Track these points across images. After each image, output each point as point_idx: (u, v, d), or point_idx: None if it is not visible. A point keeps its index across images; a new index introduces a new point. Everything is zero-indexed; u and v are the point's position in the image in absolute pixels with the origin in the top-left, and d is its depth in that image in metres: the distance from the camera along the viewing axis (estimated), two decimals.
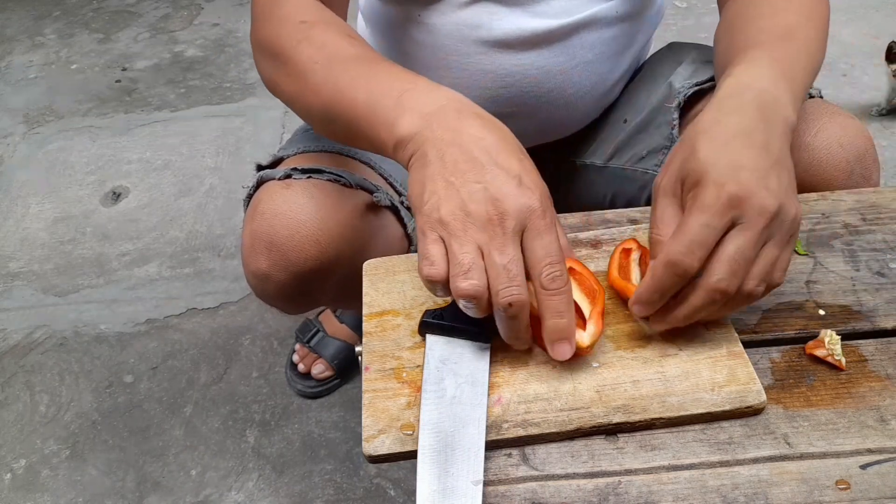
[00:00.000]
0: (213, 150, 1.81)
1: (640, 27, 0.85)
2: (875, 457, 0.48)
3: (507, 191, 0.48)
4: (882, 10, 2.12)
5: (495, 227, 0.47)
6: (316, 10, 0.68)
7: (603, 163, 0.91)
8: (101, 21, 2.41)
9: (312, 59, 0.63)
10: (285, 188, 0.71)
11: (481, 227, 0.47)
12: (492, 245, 0.47)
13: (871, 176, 0.69)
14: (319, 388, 1.24)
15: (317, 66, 0.62)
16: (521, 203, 0.48)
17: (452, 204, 0.48)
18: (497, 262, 0.47)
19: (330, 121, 0.63)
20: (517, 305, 0.47)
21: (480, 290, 0.47)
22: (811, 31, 0.65)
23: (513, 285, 0.46)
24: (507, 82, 0.80)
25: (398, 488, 1.11)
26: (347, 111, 0.59)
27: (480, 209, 0.48)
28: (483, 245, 0.47)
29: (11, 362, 1.34)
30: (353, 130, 0.60)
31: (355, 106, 0.58)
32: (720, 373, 0.51)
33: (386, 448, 0.49)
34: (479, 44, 0.78)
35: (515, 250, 0.47)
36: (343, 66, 0.61)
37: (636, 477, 0.47)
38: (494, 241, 0.47)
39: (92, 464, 1.18)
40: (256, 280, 0.73)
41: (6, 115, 2.01)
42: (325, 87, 0.61)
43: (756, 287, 0.49)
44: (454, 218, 0.48)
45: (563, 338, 0.49)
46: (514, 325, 0.48)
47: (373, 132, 0.57)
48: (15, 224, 1.65)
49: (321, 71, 0.62)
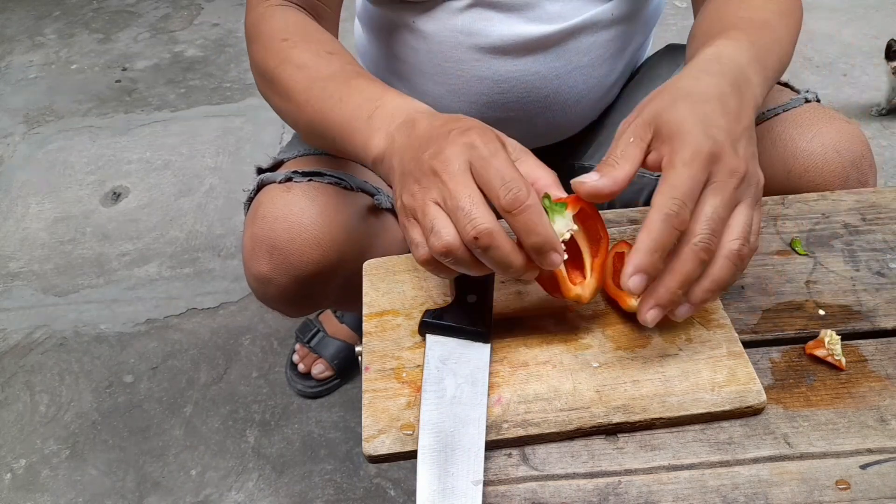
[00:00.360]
0: (213, 150, 1.81)
1: (636, 29, 0.85)
2: (875, 457, 0.48)
3: (444, 143, 0.49)
4: (882, 10, 2.12)
5: (440, 176, 0.48)
6: (298, 27, 0.70)
7: None
8: (101, 21, 2.41)
9: (294, 80, 0.66)
10: (286, 191, 0.71)
11: (431, 186, 0.48)
12: (445, 194, 0.47)
13: (867, 181, 0.69)
14: (319, 388, 1.24)
15: (298, 87, 0.65)
16: (457, 146, 0.48)
17: (409, 188, 0.50)
18: (451, 206, 0.47)
19: (317, 136, 0.66)
20: (483, 235, 0.46)
21: (449, 240, 0.46)
22: (784, 28, 0.65)
23: (471, 218, 0.46)
24: (503, 88, 0.80)
25: (398, 488, 1.11)
26: (328, 131, 0.62)
27: (426, 172, 0.49)
28: (439, 200, 0.48)
29: (11, 362, 1.34)
30: (338, 148, 0.62)
31: (333, 127, 0.61)
32: (720, 373, 0.52)
33: (386, 448, 0.49)
34: (475, 50, 0.78)
35: (467, 188, 0.47)
36: (321, 87, 0.63)
37: (636, 477, 0.47)
38: (445, 189, 0.47)
39: (92, 464, 1.18)
40: (258, 284, 0.73)
41: (6, 115, 2.01)
42: (307, 107, 0.64)
43: (741, 246, 0.47)
44: (412, 195, 0.49)
45: (546, 251, 0.47)
46: (496, 256, 0.47)
47: (353, 151, 0.59)
48: (15, 224, 1.65)
49: (303, 92, 0.64)
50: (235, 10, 2.39)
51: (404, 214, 0.50)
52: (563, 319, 0.56)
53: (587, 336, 0.55)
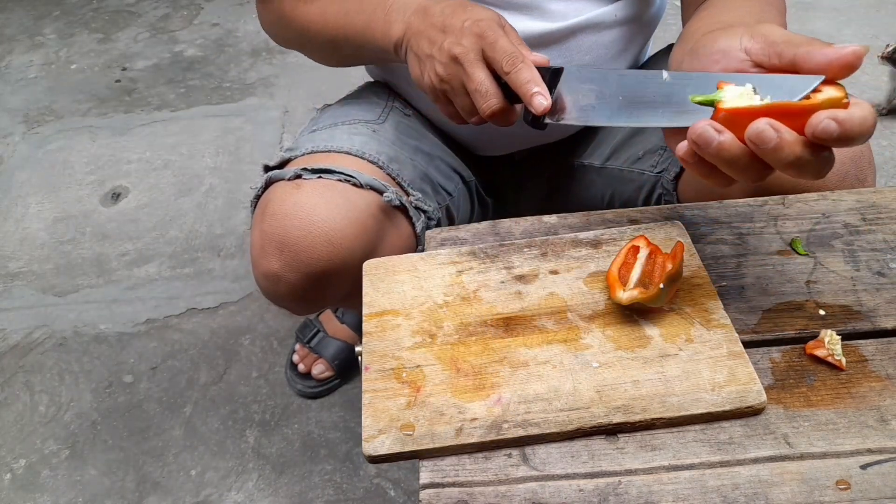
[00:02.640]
0: (213, 150, 1.81)
1: (638, 30, 0.85)
2: (875, 457, 0.48)
3: (460, 34, 0.63)
4: (882, 10, 2.12)
5: (462, 65, 0.62)
6: None
7: (601, 164, 0.91)
8: (100, 21, 2.41)
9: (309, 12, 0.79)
10: (296, 188, 0.71)
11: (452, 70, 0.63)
12: (465, 79, 0.63)
13: (865, 178, 0.69)
14: (319, 388, 1.24)
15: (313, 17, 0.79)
16: (471, 37, 0.62)
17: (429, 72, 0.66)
18: (471, 88, 0.62)
19: (340, 51, 0.81)
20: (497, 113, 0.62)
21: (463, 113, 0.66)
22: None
23: (486, 98, 0.62)
24: None
25: (398, 488, 1.11)
26: (351, 40, 0.76)
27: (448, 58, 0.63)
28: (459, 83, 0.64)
29: (11, 362, 1.34)
30: (362, 54, 0.78)
31: (356, 35, 0.75)
32: (720, 373, 0.51)
33: (386, 448, 0.49)
34: None
35: (481, 73, 0.62)
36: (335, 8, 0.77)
37: (636, 477, 0.47)
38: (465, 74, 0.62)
39: (92, 464, 1.18)
40: (267, 281, 0.73)
41: (6, 115, 2.01)
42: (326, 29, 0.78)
43: None
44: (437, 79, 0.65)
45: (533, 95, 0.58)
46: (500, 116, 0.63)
47: (376, 46, 0.73)
48: (15, 224, 1.65)
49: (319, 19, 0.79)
50: (235, 10, 2.39)
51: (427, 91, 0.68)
52: (563, 319, 0.56)
53: (587, 336, 0.55)
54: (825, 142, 0.45)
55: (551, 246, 0.63)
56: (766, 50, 0.50)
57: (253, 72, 2.09)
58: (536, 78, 0.59)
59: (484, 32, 0.62)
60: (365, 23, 0.73)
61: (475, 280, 0.60)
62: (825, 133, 0.44)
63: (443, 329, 0.57)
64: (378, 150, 0.80)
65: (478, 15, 0.63)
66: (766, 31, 0.51)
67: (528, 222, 0.68)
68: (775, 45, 0.49)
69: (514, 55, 0.60)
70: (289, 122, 1.88)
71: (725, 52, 0.52)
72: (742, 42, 0.51)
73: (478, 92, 0.62)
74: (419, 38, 0.67)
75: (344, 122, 0.84)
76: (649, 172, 0.84)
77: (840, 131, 0.44)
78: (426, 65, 0.66)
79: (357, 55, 0.80)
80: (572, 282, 0.59)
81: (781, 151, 0.45)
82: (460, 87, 0.64)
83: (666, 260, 0.57)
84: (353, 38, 0.76)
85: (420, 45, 0.66)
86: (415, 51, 0.67)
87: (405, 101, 0.92)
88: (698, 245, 0.63)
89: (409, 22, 0.68)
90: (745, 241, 0.63)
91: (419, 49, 0.67)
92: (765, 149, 0.45)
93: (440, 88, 0.66)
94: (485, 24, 0.62)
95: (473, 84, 0.62)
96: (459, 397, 0.52)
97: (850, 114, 0.44)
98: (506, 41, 0.61)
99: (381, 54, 0.74)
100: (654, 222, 0.65)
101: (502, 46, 0.61)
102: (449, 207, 0.89)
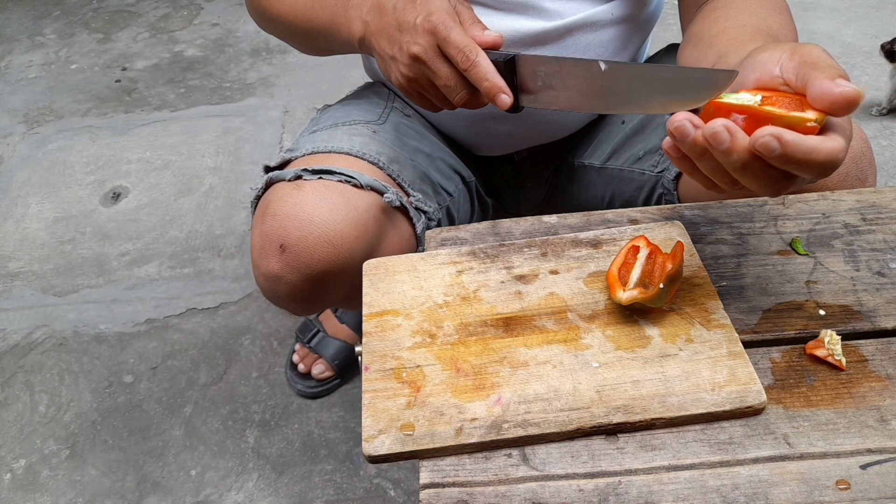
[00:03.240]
0: (213, 150, 1.81)
1: (635, 29, 0.85)
2: (875, 457, 0.48)
3: (414, 34, 0.64)
4: (882, 10, 2.12)
5: (425, 63, 0.65)
6: None
7: (601, 164, 0.91)
8: (100, 21, 2.41)
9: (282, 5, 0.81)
10: (296, 189, 0.71)
11: (416, 67, 0.65)
12: (431, 76, 0.65)
13: (866, 178, 0.69)
14: (319, 388, 1.24)
15: (284, 8, 0.81)
16: (424, 35, 0.63)
17: (395, 73, 0.68)
18: (440, 84, 0.65)
19: (313, 43, 0.83)
20: (467, 102, 0.66)
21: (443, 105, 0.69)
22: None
23: (456, 92, 0.65)
24: None
25: (398, 488, 1.11)
26: (320, 35, 0.79)
27: (410, 58, 0.65)
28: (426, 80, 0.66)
29: (11, 362, 1.34)
30: (332, 47, 0.80)
31: (323, 30, 0.78)
32: (720, 373, 0.51)
33: (386, 448, 0.49)
34: None
35: (444, 68, 0.64)
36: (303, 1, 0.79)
37: (636, 477, 0.47)
38: (430, 72, 0.65)
39: (91, 464, 1.18)
40: (267, 282, 0.73)
41: (6, 115, 2.01)
42: (297, 22, 0.80)
43: None
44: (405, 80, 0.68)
45: (494, 93, 0.63)
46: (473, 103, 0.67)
47: (344, 44, 0.76)
48: (15, 224, 1.65)
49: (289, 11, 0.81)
50: (235, 10, 2.39)
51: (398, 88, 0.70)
52: (563, 319, 0.56)
53: (587, 336, 0.55)
54: (765, 157, 0.44)
55: (551, 246, 0.63)
56: (796, 70, 0.48)
57: (253, 72, 2.09)
58: (490, 73, 0.62)
59: (435, 28, 0.63)
60: (329, 19, 0.76)
61: (475, 280, 0.60)
62: (763, 148, 0.43)
63: (443, 329, 0.57)
64: (378, 150, 0.80)
65: (429, 7, 0.64)
66: (805, 50, 0.48)
67: (528, 222, 0.68)
68: (803, 66, 0.48)
69: (467, 50, 0.62)
70: (289, 122, 1.88)
71: (763, 63, 0.51)
72: (781, 58, 0.49)
73: (447, 87, 0.65)
74: (378, 37, 0.68)
75: (344, 123, 0.84)
76: (650, 172, 0.84)
77: (781, 152, 0.43)
78: (391, 65, 0.68)
79: (330, 49, 0.82)
80: (572, 282, 0.59)
81: (731, 155, 0.45)
82: (429, 83, 0.67)
83: (666, 260, 0.57)
84: (321, 33, 0.78)
85: (381, 45, 0.68)
86: (378, 51, 0.69)
87: (405, 102, 0.92)
88: (698, 245, 0.63)
89: (366, 21, 0.70)
90: (745, 241, 0.63)
91: (381, 49, 0.69)
92: (718, 150, 0.45)
93: (409, 87, 0.68)
94: (436, 18, 0.63)
95: (441, 80, 0.65)
96: (459, 397, 0.52)
97: (799, 139, 0.43)
98: (457, 34, 0.62)
99: (351, 49, 0.77)
100: (654, 222, 0.65)
101: (454, 41, 0.62)
102: (449, 208, 0.89)
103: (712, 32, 0.67)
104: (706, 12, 0.71)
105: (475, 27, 0.65)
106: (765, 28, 0.65)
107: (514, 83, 0.64)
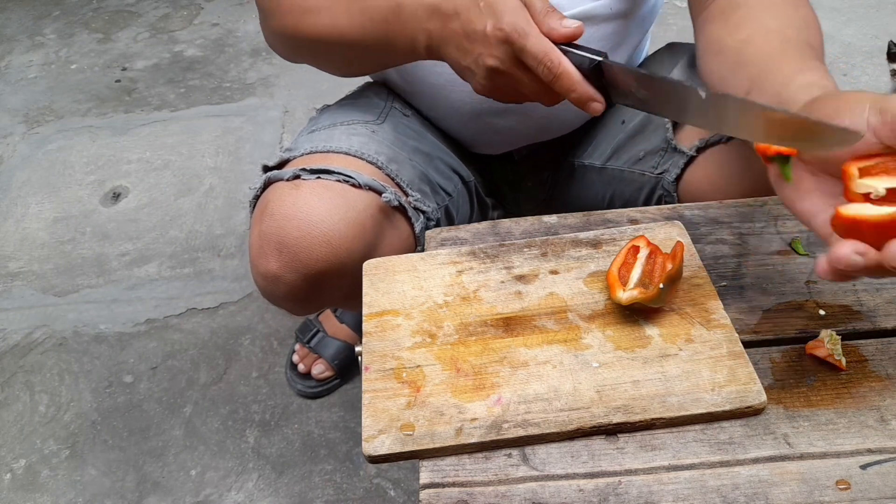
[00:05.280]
0: (213, 150, 1.81)
1: (634, 25, 0.85)
2: (875, 457, 0.48)
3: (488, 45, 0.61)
4: (882, 10, 2.12)
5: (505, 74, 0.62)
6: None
7: (601, 164, 0.91)
8: (100, 21, 2.41)
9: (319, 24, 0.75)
10: (295, 189, 0.71)
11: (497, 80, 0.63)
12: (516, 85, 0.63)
13: None
14: (319, 388, 1.24)
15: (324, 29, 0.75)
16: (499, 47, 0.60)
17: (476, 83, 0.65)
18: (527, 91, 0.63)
19: (357, 59, 0.78)
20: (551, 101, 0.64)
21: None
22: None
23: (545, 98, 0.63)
24: None
25: (398, 488, 1.11)
26: (371, 53, 0.74)
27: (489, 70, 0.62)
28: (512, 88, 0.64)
29: (11, 362, 1.34)
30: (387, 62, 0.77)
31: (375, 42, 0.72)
32: (720, 373, 0.51)
33: (386, 448, 0.49)
34: None
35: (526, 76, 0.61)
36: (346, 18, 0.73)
37: (636, 477, 0.47)
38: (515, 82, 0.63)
39: (91, 464, 1.18)
40: (266, 282, 0.73)
41: (6, 115, 2.01)
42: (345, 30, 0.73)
43: None
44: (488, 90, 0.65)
45: (584, 101, 0.60)
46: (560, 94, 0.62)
47: (404, 57, 0.73)
48: (15, 224, 1.65)
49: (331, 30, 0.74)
50: (235, 10, 2.39)
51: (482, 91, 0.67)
52: (563, 319, 0.56)
53: (587, 336, 0.55)
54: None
55: (551, 246, 0.63)
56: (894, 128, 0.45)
57: (253, 72, 2.09)
58: (577, 83, 0.59)
59: (509, 37, 0.59)
60: (382, 33, 0.70)
61: (475, 280, 0.60)
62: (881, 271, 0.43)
63: (443, 329, 0.57)
64: (377, 150, 0.80)
65: (497, 10, 0.60)
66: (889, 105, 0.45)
67: (528, 222, 0.68)
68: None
69: (547, 60, 0.59)
70: (289, 122, 1.87)
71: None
72: (869, 118, 0.46)
73: (534, 93, 0.63)
74: (446, 46, 0.65)
75: (343, 123, 0.84)
76: (650, 173, 0.84)
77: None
78: (468, 76, 0.66)
79: (385, 64, 0.79)
80: (572, 282, 0.59)
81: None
82: (514, 90, 0.64)
83: (666, 260, 0.57)
84: (374, 50, 0.73)
85: (451, 54, 0.65)
86: (449, 61, 0.66)
87: (404, 102, 0.92)
88: (698, 245, 0.63)
89: (428, 29, 0.66)
90: (745, 241, 0.63)
91: (452, 59, 0.65)
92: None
93: (495, 96, 0.66)
94: (507, 24, 0.59)
95: (526, 89, 0.63)
96: (459, 397, 0.52)
97: None
98: (533, 41, 0.59)
99: (411, 60, 0.73)
100: (654, 222, 0.65)
101: (531, 51, 0.59)
102: (448, 208, 0.89)
103: (735, 42, 0.65)
104: (724, 11, 0.69)
105: (551, 17, 0.60)
106: (792, 35, 0.62)
107: (602, 83, 0.61)
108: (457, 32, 0.63)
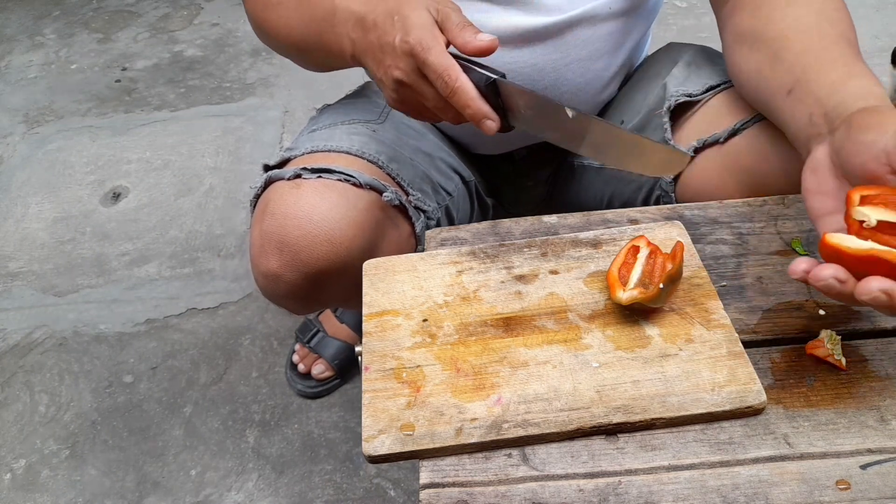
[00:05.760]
0: (213, 150, 1.81)
1: (634, 23, 0.85)
2: (875, 457, 0.48)
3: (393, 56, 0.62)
4: (882, 10, 2.12)
5: (409, 86, 0.63)
6: None
7: (600, 164, 0.91)
8: (100, 21, 2.41)
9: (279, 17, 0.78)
10: (295, 188, 0.71)
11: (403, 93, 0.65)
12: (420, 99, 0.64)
13: None
14: (319, 388, 1.24)
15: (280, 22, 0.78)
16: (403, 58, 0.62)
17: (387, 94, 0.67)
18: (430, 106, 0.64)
19: (310, 57, 0.79)
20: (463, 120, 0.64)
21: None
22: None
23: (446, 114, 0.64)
24: None
25: (398, 488, 1.11)
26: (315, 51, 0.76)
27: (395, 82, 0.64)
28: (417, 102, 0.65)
29: (11, 362, 1.34)
30: (329, 63, 0.77)
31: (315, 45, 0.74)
32: (720, 373, 0.51)
33: (386, 448, 0.49)
34: None
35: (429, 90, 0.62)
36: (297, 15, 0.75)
37: (636, 477, 0.47)
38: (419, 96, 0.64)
39: (91, 464, 1.18)
40: (266, 281, 0.73)
41: (6, 115, 2.01)
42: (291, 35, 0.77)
43: None
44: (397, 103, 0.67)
45: (478, 119, 0.62)
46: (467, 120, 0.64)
47: (339, 60, 0.73)
48: (15, 224, 1.65)
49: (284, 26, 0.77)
50: (235, 9, 2.39)
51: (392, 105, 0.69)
52: (563, 319, 0.56)
53: (587, 336, 0.55)
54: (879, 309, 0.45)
55: (551, 246, 0.63)
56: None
57: (253, 72, 2.09)
58: (472, 99, 0.60)
59: (412, 49, 0.60)
60: (318, 34, 0.73)
61: (475, 280, 0.60)
62: (874, 303, 0.44)
63: (443, 329, 0.57)
64: (377, 149, 0.80)
65: (406, 25, 0.61)
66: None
67: (528, 222, 0.68)
68: None
69: (445, 75, 0.60)
70: (289, 122, 1.87)
71: (869, 146, 0.49)
72: (887, 142, 0.47)
73: (436, 108, 0.64)
74: (365, 56, 0.67)
75: (343, 122, 0.84)
76: (649, 174, 0.84)
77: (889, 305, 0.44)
78: (382, 88, 0.67)
79: (329, 65, 0.79)
80: (572, 282, 0.59)
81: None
82: (419, 104, 0.66)
83: (666, 260, 0.57)
84: (314, 50, 0.76)
85: (368, 64, 0.67)
86: (368, 71, 0.69)
87: None
88: (698, 245, 0.63)
89: (352, 38, 0.68)
90: (745, 241, 0.63)
91: (370, 70, 0.68)
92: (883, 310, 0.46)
93: (402, 109, 0.68)
94: (413, 38, 0.60)
95: (429, 103, 0.64)
96: (459, 397, 0.52)
97: None
98: (435, 55, 0.60)
99: (348, 66, 0.74)
100: (654, 222, 0.65)
101: (432, 64, 0.60)
102: (448, 207, 0.89)
103: (770, 35, 0.65)
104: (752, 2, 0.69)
105: (466, 31, 0.61)
106: (828, 30, 0.63)
107: (500, 104, 0.63)
108: (373, 44, 0.65)
